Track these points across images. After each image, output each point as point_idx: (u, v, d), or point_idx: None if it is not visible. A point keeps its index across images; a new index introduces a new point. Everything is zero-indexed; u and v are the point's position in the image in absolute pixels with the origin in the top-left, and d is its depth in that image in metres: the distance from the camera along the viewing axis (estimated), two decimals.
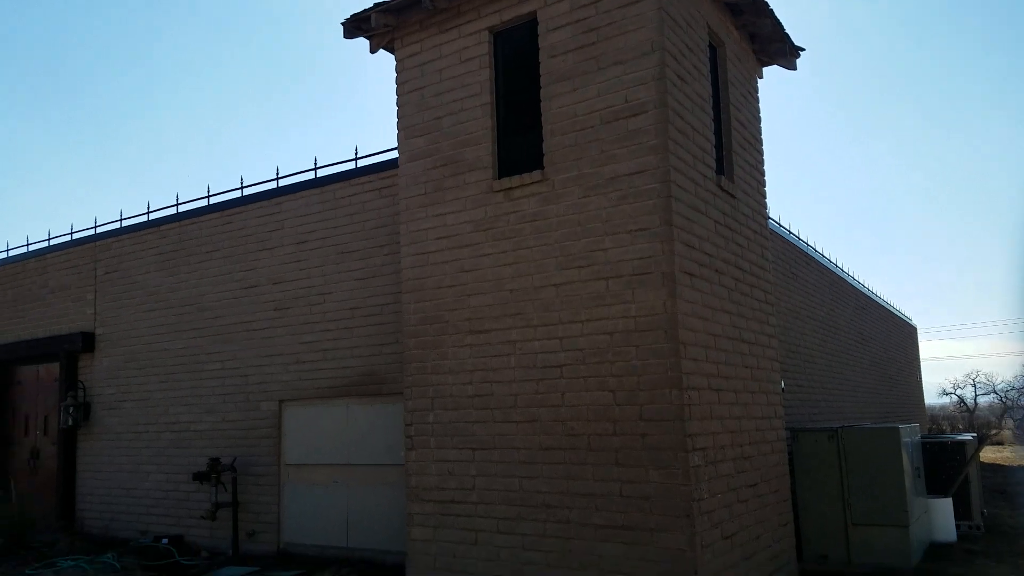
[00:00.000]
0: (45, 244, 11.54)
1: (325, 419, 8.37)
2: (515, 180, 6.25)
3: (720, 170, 6.68)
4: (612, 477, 5.59)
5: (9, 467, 11.45)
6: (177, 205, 9.97)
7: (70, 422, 10.31)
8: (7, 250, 12.10)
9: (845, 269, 14.89)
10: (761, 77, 7.94)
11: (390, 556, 7.65)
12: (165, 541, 8.76)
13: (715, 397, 5.87)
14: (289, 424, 8.64)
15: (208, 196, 9.69)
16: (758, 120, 7.72)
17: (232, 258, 9.29)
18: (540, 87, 6.26)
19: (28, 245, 11.82)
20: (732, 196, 6.75)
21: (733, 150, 6.92)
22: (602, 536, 5.59)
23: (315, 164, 8.85)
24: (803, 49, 7.70)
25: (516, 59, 6.50)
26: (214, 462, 8.61)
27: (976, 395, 49.60)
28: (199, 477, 8.61)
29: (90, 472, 10.32)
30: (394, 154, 7.94)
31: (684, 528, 5.26)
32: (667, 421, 5.41)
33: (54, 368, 10.94)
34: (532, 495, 5.95)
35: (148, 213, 10.29)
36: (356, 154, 8.54)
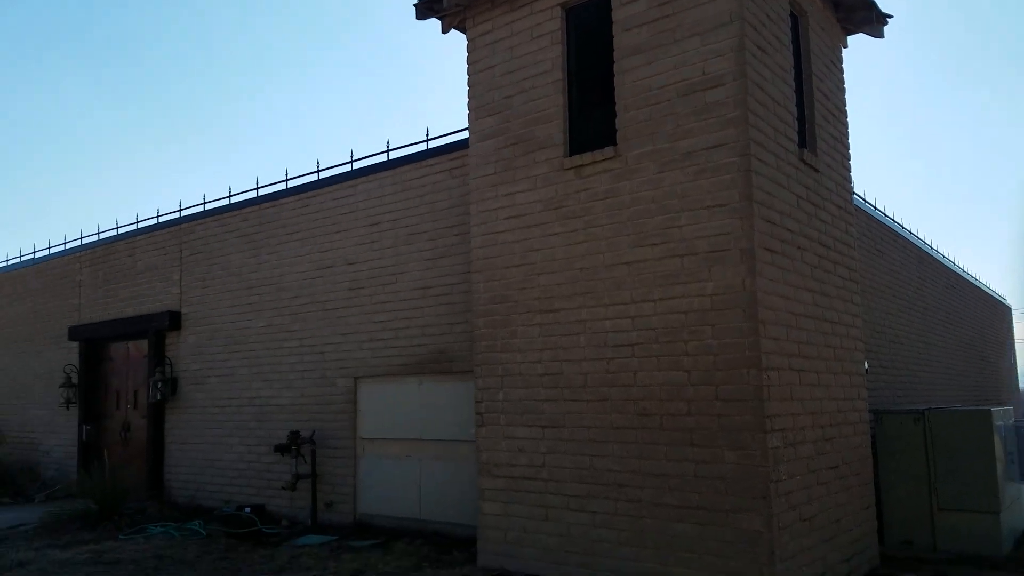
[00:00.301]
0: (133, 227, 12.14)
1: (398, 395, 8.57)
2: (586, 157, 6.19)
3: (802, 143, 6.45)
4: (686, 457, 5.53)
5: (102, 439, 12.18)
6: (257, 188, 10.32)
7: (158, 396, 10.87)
8: (98, 233, 12.80)
9: (934, 246, 14.17)
10: (846, 46, 7.60)
11: (461, 529, 7.79)
12: (248, 510, 9.17)
13: (796, 378, 5.71)
14: (364, 400, 8.88)
15: (287, 180, 10.00)
16: (842, 91, 7.39)
17: (309, 240, 9.57)
18: (613, 62, 6.17)
19: (118, 228, 12.47)
20: (815, 170, 6.51)
21: (816, 122, 6.66)
22: (675, 516, 5.54)
23: (387, 146, 9.00)
24: (891, 16, 7.34)
25: (588, 34, 6.42)
26: (294, 435, 8.94)
27: None
28: (280, 449, 8.95)
29: (177, 444, 10.88)
30: (465, 135, 7.99)
31: (761, 510, 5.15)
32: (745, 401, 5.30)
33: (143, 345, 11.55)
34: (603, 473, 5.95)
35: (230, 196, 10.69)
36: (427, 136, 8.64)
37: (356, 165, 9.27)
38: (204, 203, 11.02)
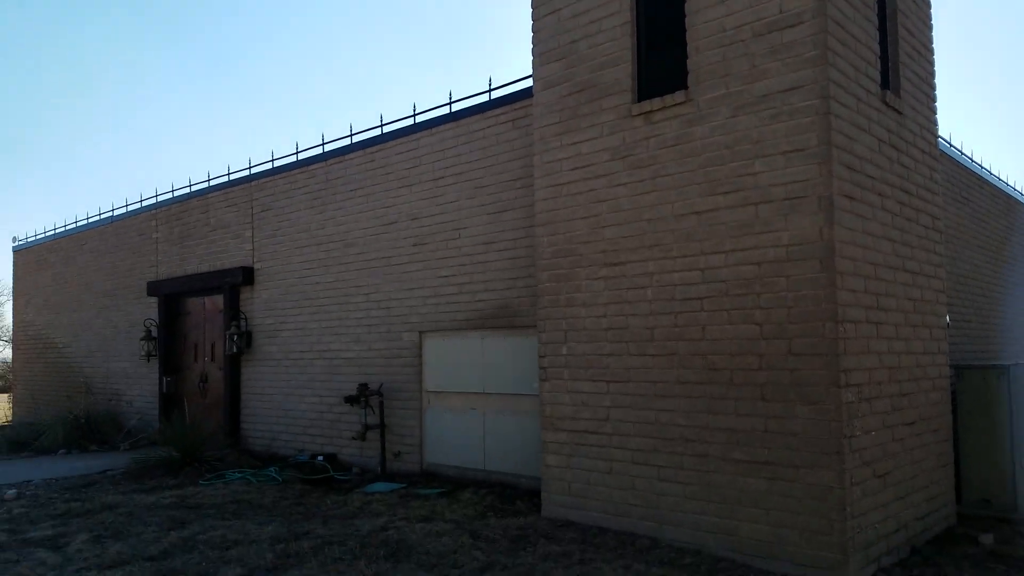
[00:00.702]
0: (206, 184, 12.54)
1: (462, 350, 8.67)
2: (656, 103, 6.00)
3: (885, 84, 6.07)
4: (756, 412, 5.42)
5: (182, 390, 12.82)
6: (323, 145, 10.48)
7: (234, 349, 11.33)
8: (172, 191, 13.27)
9: (1022, 190, 13.33)
10: None
11: (524, 480, 7.91)
12: (320, 458, 9.55)
13: (873, 331, 5.48)
14: (428, 354, 9.03)
15: (351, 135, 10.10)
16: (929, 28, 6.91)
17: (374, 196, 9.68)
18: (684, 1, 5.91)
19: (191, 186, 12.91)
20: (898, 112, 6.14)
21: (900, 61, 6.26)
22: (743, 471, 5.46)
23: (450, 98, 8.95)
24: None
25: None
26: (363, 387, 9.20)
27: None
28: (349, 400, 9.24)
29: (253, 395, 11.35)
30: (529, 83, 7.88)
31: (833, 465, 5.02)
32: (820, 355, 5.13)
33: (218, 300, 12.02)
34: (668, 428, 5.89)
35: (297, 154, 10.89)
36: (490, 86, 8.54)
37: (419, 119, 9.27)
38: (272, 160, 11.27)
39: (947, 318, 6.85)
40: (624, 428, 6.18)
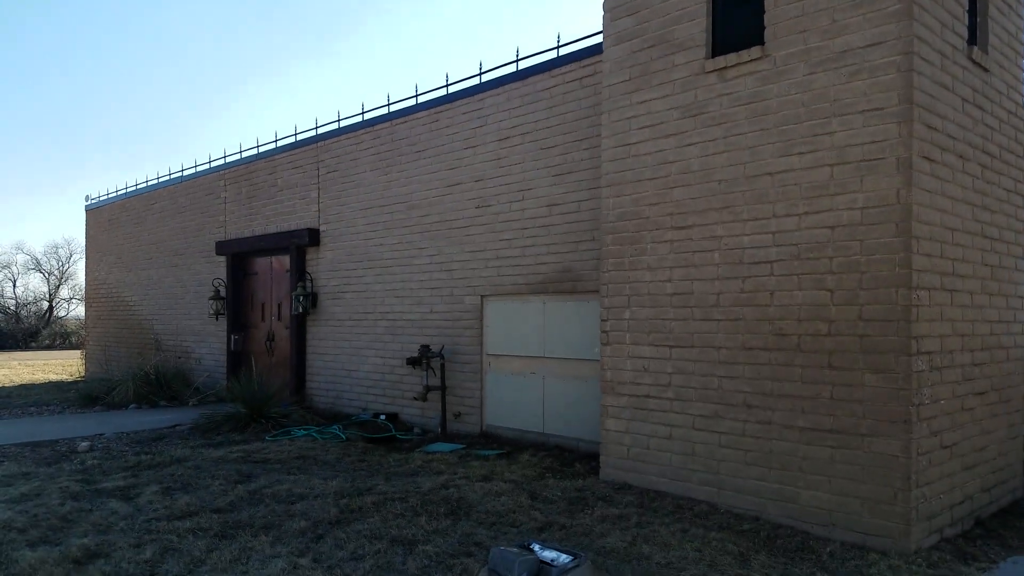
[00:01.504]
0: (273, 145, 13.13)
1: (523, 313, 8.98)
2: (730, 58, 6.07)
3: (971, 40, 5.98)
4: (822, 380, 5.53)
5: (249, 349, 13.58)
6: (388, 105, 10.84)
7: (300, 309, 11.94)
8: (240, 152, 13.93)
9: None
10: None
11: (583, 444, 8.21)
12: (383, 417, 10.08)
13: (947, 298, 5.51)
14: (489, 317, 9.37)
15: (416, 95, 10.42)
16: None
17: (438, 157, 10.00)
18: None
19: (258, 147, 13.52)
20: (985, 70, 6.04)
21: (988, 15, 6.14)
22: (806, 439, 5.60)
23: (517, 55, 9.13)
24: None
25: None
26: (424, 349, 9.63)
27: None
28: (411, 362, 9.69)
29: (317, 354, 11.98)
30: (598, 39, 7.99)
31: (900, 434, 5.12)
32: (891, 322, 5.20)
33: (285, 260, 12.65)
34: (732, 394, 6.06)
35: (363, 114, 11.30)
36: (558, 42, 8.69)
37: (485, 78, 9.50)
38: (339, 120, 11.71)
39: None
40: (686, 393, 6.38)
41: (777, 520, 5.70)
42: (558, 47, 8.69)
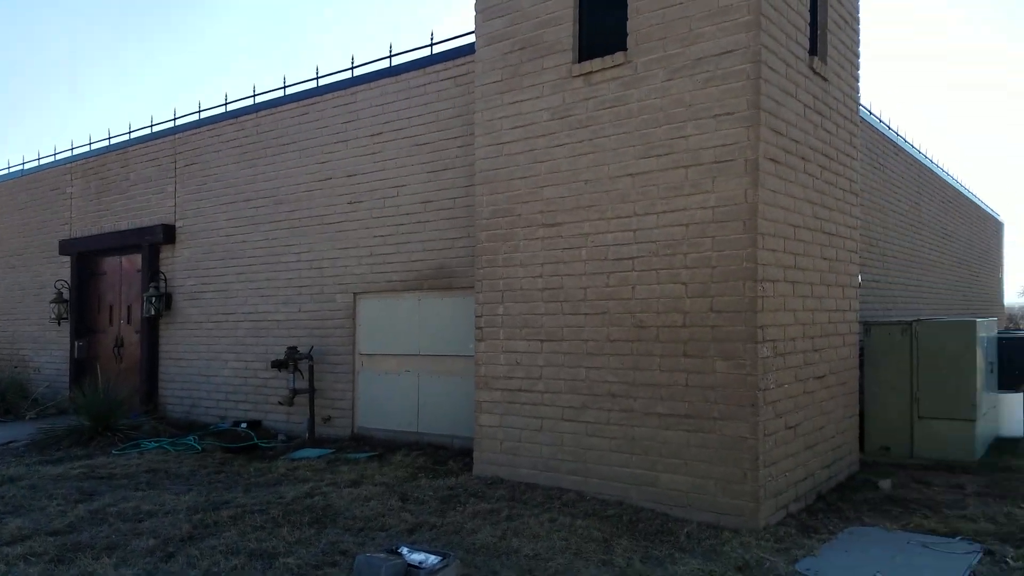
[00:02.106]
0: (127, 137, 12.59)
1: (397, 311, 9.14)
2: (596, 63, 6.53)
3: (813, 50, 6.78)
4: (679, 368, 6.06)
5: (95, 356, 12.91)
6: (254, 96, 10.71)
7: (152, 311, 11.51)
8: (90, 143, 13.26)
9: (933, 159, 15.06)
10: None
11: (457, 440, 8.47)
12: (244, 425, 9.89)
13: (790, 289, 6.20)
14: (362, 315, 9.46)
15: (284, 87, 10.36)
16: None
17: (308, 151, 10.00)
18: None
19: (110, 139, 12.92)
20: (824, 79, 6.85)
21: (828, 28, 6.97)
22: (665, 424, 6.11)
23: (390, 51, 9.32)
24: None
25: None
26: (292, 351, 9.57)
27: None
28: (277, 365, 9.60)
29: (172, 360, 11.58)
30: (471, 39, 8.31)
31: (748, 417, 5.71)
32: (739, 313, 5.79)
33: (136, 259, 12.15)
34: (598, 385, 6.50)
35: (226, 105, 11.08)
36: (432, 40, 8.95)
37: (357, 72, 9.62)
38: (199, 111, 11.42)
39: (859, 278, 7.78)
40: (556, 386, 6.77)
41: (640, 504, 6.18)
42: (431, 45, 8.96)
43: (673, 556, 5.09)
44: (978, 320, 8.33)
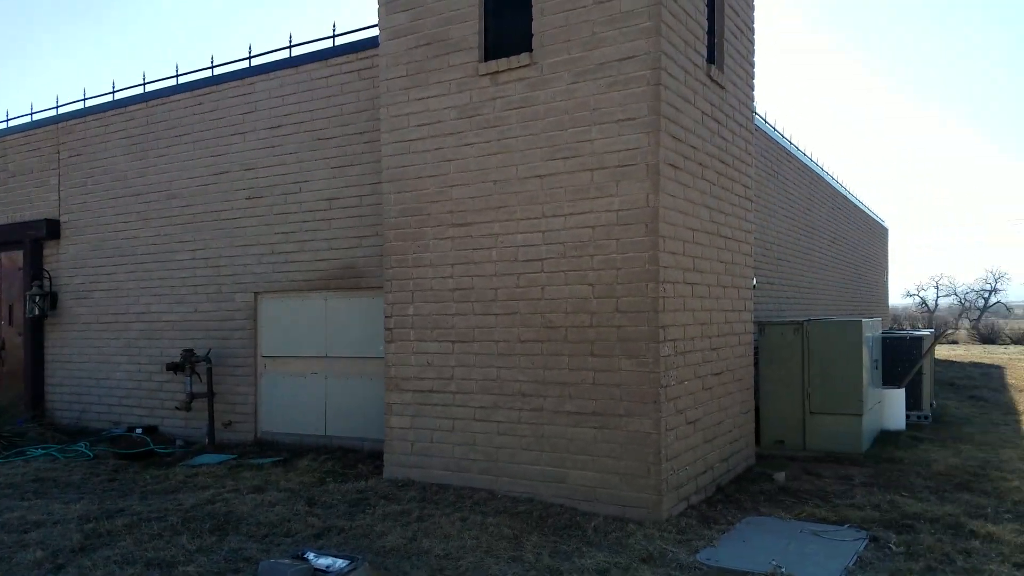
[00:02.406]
0: (3, 125, 11.88)
1: (302, 312, 9.06)
2: (502, 63, 6.66)
3: (711, 59, 7.13)
4: (586, 367, 6.31)
5: None
6: (144, 85, 10.31)
7: (36, 312, 10.97)
8: None
9: (823, 167, 16.29)
10: None
11: (368, 443, 8.51)
12: (139, 431, 9.61)
13: (689, 291, 6.55)
14: (265, 316, 9.32)
15: (177, 76, 10.03)
16: (751, 7, 8.13)
17: (202, 142, 9.73)
18: None
19: None
20: (721, 87, 7.22)
21: (725, 38, 7.34)
22: (573, 422, 6.36)
23: (290, 42, 9.16)
24: None
25: None
26: (188, 353, 9.34)
27: (938, 297, 57.80)
28: (173, 368, 9.35)
29: (59, 363, 11.08)
30: (374, 31, 8.28)
31: (651, 413, 6.02)
32: (642, 313, 6.08)
33: (17, 256, 11.53)
34: (509, 384, 6.69)
35: (113, 93, 10.63)
36: (334, 31, 8.86)
37: (255, 62, 9.41)
38: (84, 99, 10.93)
39: (754, 280, 8.30)
40: (467, 386, 6.91)
41: (549, 500, 6.41)
42: (334, 36, 8.86)
43: (581, 550, 5.32)
44: (864, 320, 8.97)
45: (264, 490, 6.98)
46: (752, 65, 8.13)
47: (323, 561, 4.55)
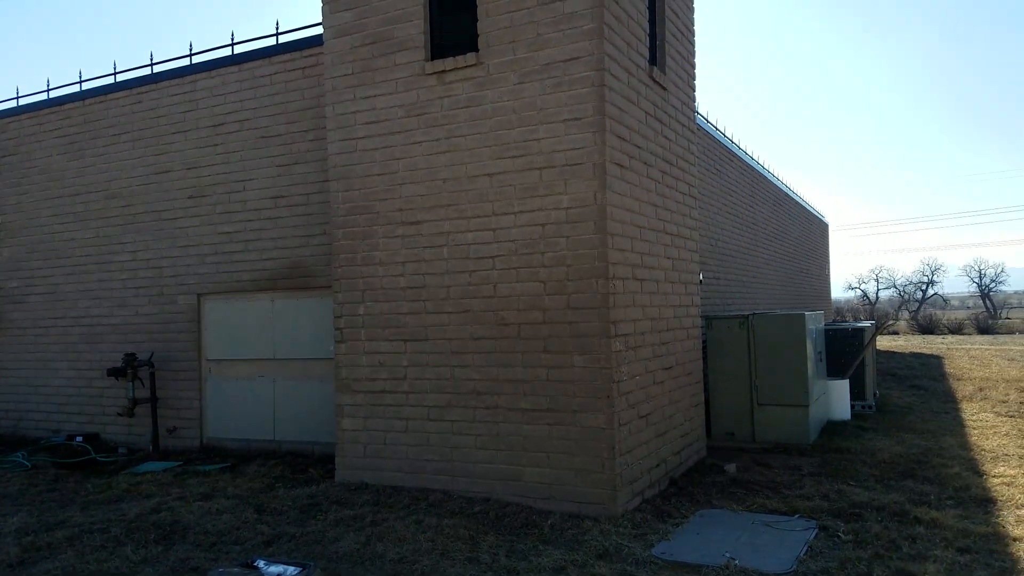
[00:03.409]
0: None
1: (248, 313, 8.91)
2: (448, 63, 6.65)
3: (653, 60, 7.24)
4: (540, 364, 6.36)
5: None
6: (80, 83, 10.02)
7: None
8: None
9: (764, 165, 16.80)
10: None
11: (318, 447, 8.42)
12: (80, 439, 9.35)
13: (638, 286, 6.65)
14: (209, 318, 9.14)
15: (115, 73, 9.76)
16: (691, 10, 8.29)
17: (142, 141, 9.49)
18: None
19: None
20: (663, 88, 7.35)
21: (666, 40, 7.47)
22: (528, 419, 6.40)
23: (232, 39, 9.00)
24: None
25: None
26: (130, 357, 9.10)
27: (878, 289, 60.71)
28: (114, 373, 9.11)
29: None
30: (319, 30, 8.18)
31: (604, 408, 6.10)
32: (593, 309, 6.15)
33: None
34: (463, 383, 6.69)
35: (48, 91, 10.30)
36: (277, 29, 8.73)
37: (197, 59, 9.22)
38: (17, 97, 10.58)
39: (700, 275, 8.46)
40: (421, 386, 6.89)
41: (505, 499, 6.44)
42: (277, 34, 8.73)
43: (537, 548, 5.37)
44: (807, 313, 9.20)
45: (211, 497, 6.87)
46: (693, 67, 8.28)
47: (274, 569, 4.50)
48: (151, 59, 9.50)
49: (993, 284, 60.74)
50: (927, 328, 37.12)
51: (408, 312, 6.96)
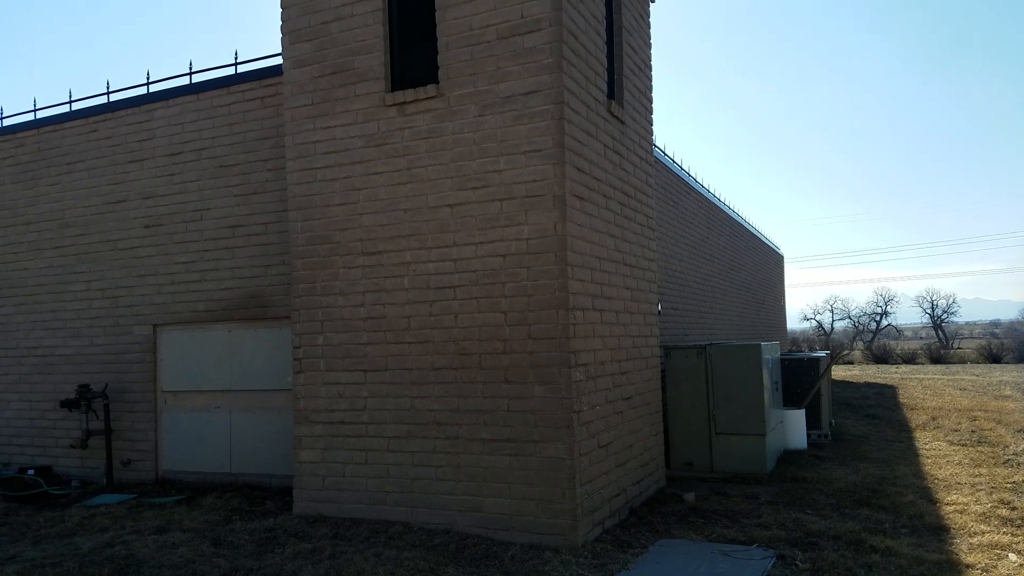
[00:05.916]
0: None
1: (205, 344, 8.72)
2: (409, 94, 6.64)
3: (611, 94, 7.33)
4: (501, 394, 6.31)
5: None
6: (35, 111, 9.82)
7: None
8: None
9: (721, 198, 17.14)
10: (653, 1, 8.60)
11: (276, 479, 8.23)
12: (32, 472, 9.02)
13: (598, 317, 6.65)
14: (165, 349, 8.93)
15: (70, 101, 9.57)
16: (648, 46, 8.43)
17: (98, 170, 9.30)
18: None
19: None
20: (621, 121, 7.44)
21: (624, 74, 7.57)
22: (489, 449, 6.33)
23: (190, 68, 8.90)
24: None
25: None
26: (83, 388, 8.84)
27: (833, 320, 62.04)
28: (67, 404, 8.83)
29: None
30: (278, 60, 8.14)
31: (564, 438, 6.06)
32: (553, 339, 6.13)
33: None
34: (423, 414, 6.61)
35: (1, 119, 10.06)
36: (236, 59, 8.66)
37: (154, 88, 9.10)
38: None
39: (659, 305, 8.51)
40: (381, 416, 6.79)
41: (466, 530, 6.35)
42: (236, 64, 8.66)
43: None
44: (763, 343, 9.29)
45: (167, 530, 6.68)
46: (650, 101, 8.41)
47: None
48: (107, 88, 9.36)
49: (945, 315, 61.94)
50: (881, 358, 37.73)
51: (368, 342, 6.87)
